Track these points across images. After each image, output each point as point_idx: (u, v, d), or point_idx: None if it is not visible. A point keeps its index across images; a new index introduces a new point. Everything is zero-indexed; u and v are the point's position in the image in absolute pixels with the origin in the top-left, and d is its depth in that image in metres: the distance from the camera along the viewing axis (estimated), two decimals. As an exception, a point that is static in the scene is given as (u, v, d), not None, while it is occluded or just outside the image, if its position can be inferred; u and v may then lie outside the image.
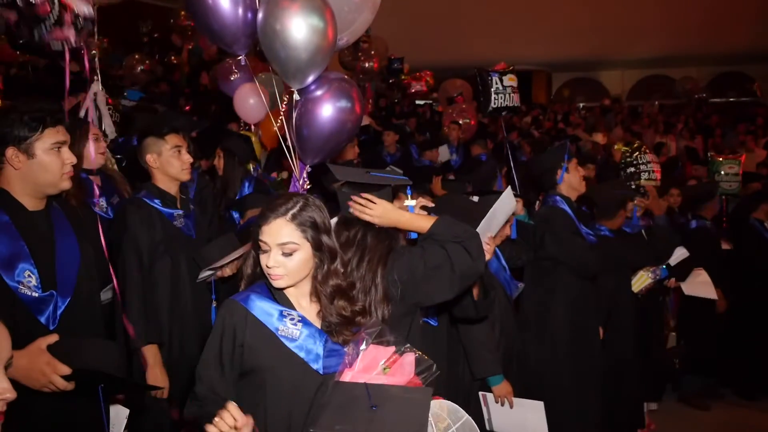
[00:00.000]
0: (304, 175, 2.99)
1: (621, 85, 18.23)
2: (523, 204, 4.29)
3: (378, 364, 1.71)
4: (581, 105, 15.95)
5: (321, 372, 1.79)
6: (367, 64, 8.63)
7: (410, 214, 2.12)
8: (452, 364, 3.04)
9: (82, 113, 3.65)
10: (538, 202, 4.67)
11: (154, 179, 2.91)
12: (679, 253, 4.26)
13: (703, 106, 14.20)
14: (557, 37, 14.98)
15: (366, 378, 1.69)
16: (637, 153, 4.38)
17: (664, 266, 4.16)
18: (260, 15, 2.65)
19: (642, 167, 4.33)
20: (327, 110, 2.75)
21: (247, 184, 3.87)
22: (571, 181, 3.64)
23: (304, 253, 1.77)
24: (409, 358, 1.74)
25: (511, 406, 3.01)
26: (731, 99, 16.66)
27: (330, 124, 2.74)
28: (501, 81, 4.89)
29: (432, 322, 2.90)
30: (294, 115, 2.81)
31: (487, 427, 3.08)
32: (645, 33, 15.06)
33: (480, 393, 3.04)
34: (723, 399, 5.12)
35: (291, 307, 1.84)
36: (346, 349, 1.77)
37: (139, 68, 8.46)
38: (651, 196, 4.13)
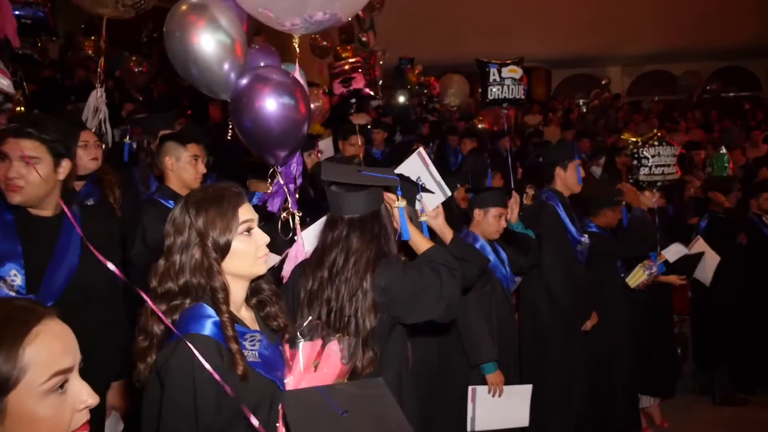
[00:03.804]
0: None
1: (621, 81, 18.19)
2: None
3: (311, 362, 1.63)
4: (581, 101, 15.93)
5: (282, 388, 1.60)
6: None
7: (417, 231, 2.18)
8: (443, 372, 3.10)
9: (86, 118, 3.75)
10: (526, 195, 4.71)
11: (168, 181, 3.08)
12: (676, 250, 4.28)
13: (705, 102, 14.19)
14: (556, 33, 14.93)
15: (308, 379, 1.62)
16: (642, 147, 4.32)
17: (662, 263, 4.18)
18: (166, 30, 2.47)
19: (644, 161, 4.28)
20: (257, 110, 2.40)
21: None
22: (567, 179, 3.72)
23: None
24: (334, 346, 1.67)
25: (500, 395, 3.07)
26: (731, 94, 16.64)
27: (264, 123, 2.39)
28: (499, 72, 4.76)
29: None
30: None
31: (469, 429, 3.10)
32: (645, 28, 15.01)
33: (470, 387, 3.06)
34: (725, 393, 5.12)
35: (238, 320, 1.57)
36: (281, 351, 1.65)
37: (136, 69, 8.46)
38: (627, 190, 4.15)
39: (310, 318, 1.81)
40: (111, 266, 1.45)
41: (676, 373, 4.79)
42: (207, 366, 1.39)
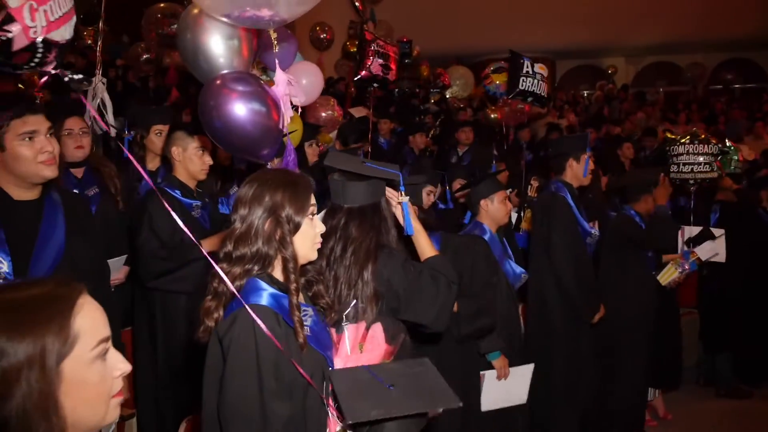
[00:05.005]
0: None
1: (625, 72, 18.09)
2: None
3: (357, 344, 1.72)
4: (585, 93, 15.86)
5: (331, 365, 1.67)
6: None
7: (425, 234, 2.13)
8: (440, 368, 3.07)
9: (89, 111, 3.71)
10: (530, 187, 4.69)
11: (175, 171, 3.09)
12: (709, 248, 4.28)
13: (709, 95, 14.11)
14: (560, 24, 14.84)
15: (354, 360, 1.69)
16: (674, 145, 4.37)
17: (694, 261, 4.20)
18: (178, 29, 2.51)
19: (673, 159, 4.32)
20: (222, 113, 2.35)
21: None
22: (578, 171, 3.70)
23: None
24: (378, 329, 1.77)
25: (506, 377, 3.10)
26: (737, 85, 16.56)
27: (235, 132, 2.36)
28: (532, 66, 4.83)
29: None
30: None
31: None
32: (649, 19, 14.91)
33: (480, 372, 3.09)
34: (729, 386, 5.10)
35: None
36: (328, 330, 1.73)
37: (144, 56, 8.34)
38: (663, 184, 4.16)
39: (355, 302, 1.87)
40: (177, 219, 1.49)
41: (681, 364, 4.79)
42: (265, 329, 1.48)
